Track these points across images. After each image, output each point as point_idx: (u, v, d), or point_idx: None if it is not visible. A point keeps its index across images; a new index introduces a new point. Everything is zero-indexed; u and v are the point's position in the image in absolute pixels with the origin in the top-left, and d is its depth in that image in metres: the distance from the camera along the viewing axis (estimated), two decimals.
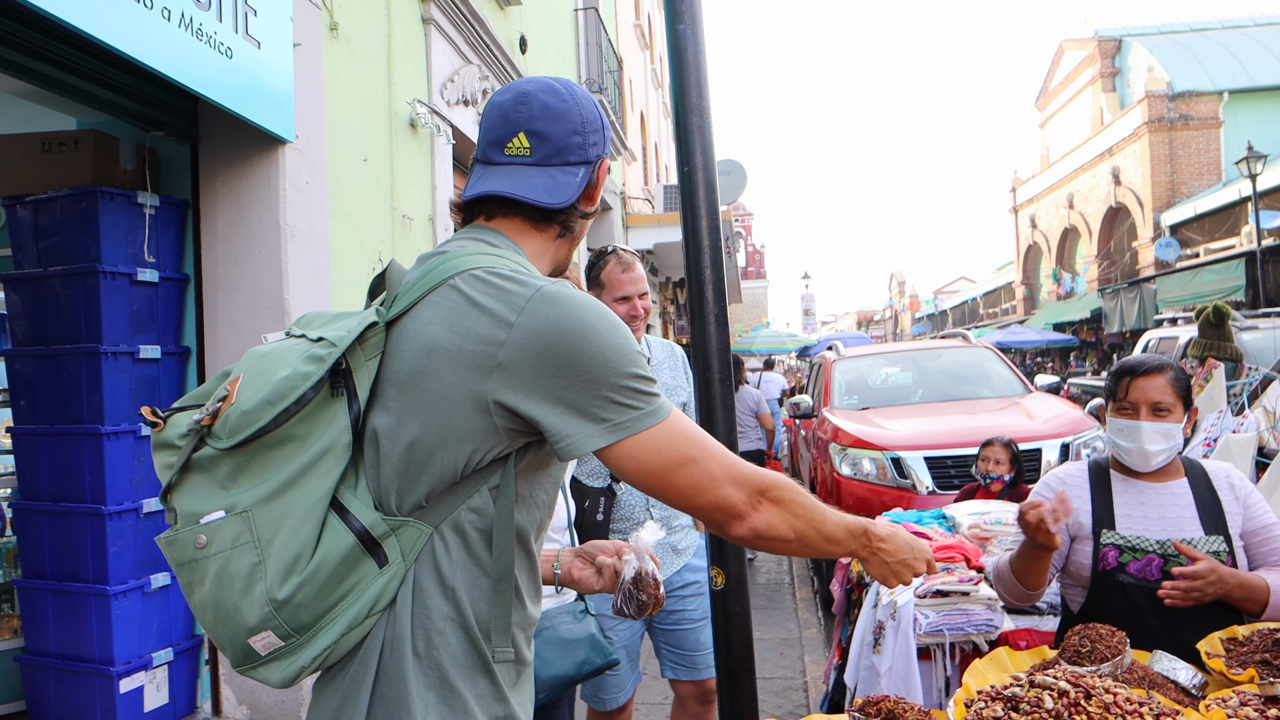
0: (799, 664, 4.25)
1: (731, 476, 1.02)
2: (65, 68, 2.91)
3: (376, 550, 0.95)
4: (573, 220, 1.15)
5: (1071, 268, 26.04)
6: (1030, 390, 6.05)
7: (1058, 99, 27.83)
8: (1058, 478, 2.02)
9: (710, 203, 1.66)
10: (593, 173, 1.15)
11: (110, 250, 3.35)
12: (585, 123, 1.14)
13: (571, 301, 0.99)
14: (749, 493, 1.02)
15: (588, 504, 2.45)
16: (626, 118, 13.57)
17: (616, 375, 0.97)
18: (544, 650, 1.71)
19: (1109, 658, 1.34)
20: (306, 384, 0.95)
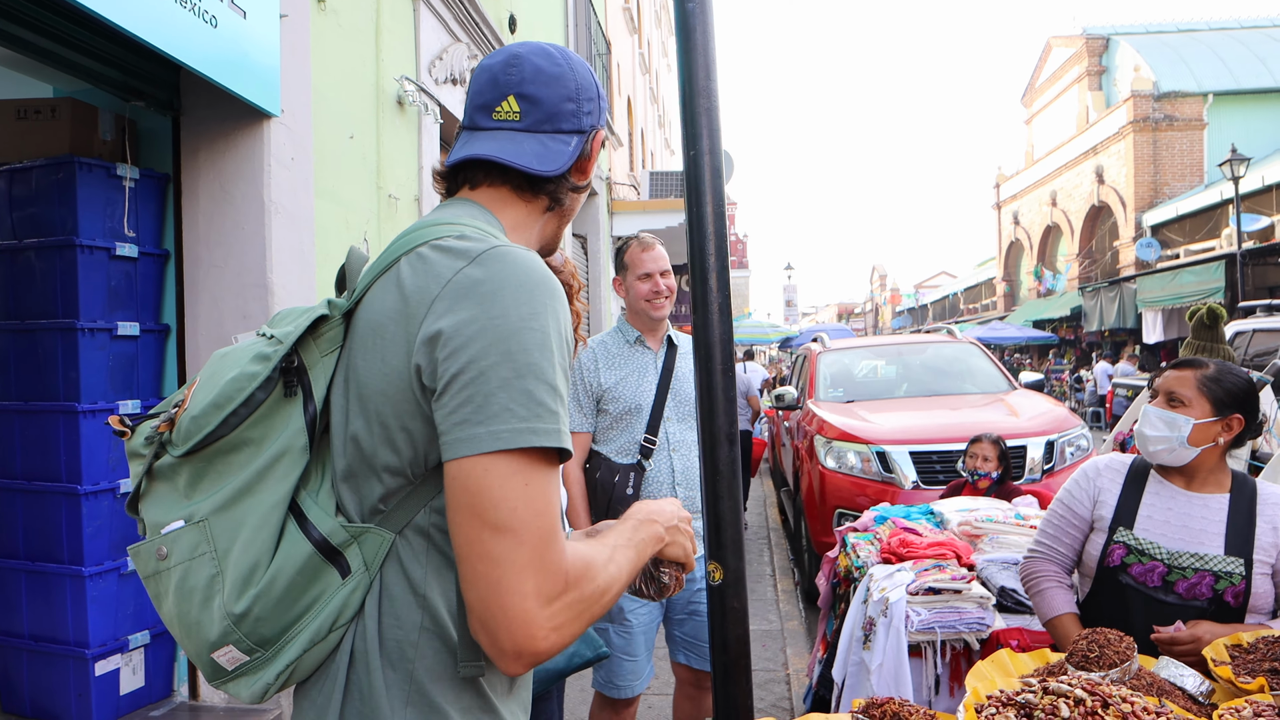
0: (781, 656, 4.25)
1: (542, 571, 0.82)
2: (42, 32, 2.81)
3: (338, 559, 0.88)
4: (563, 193, 1.07)
5: (1053, 265, 26.26)
6: (1015, 387, 6.08)
7: (1044, 96, 27.97)
8: (1095, 465, 2.00)
9: (716, 188, 1.62)
10: (586, 143, 1.08)
11: (88, 223, 3.25)
12: (580, 89, 1.07)
13: (519, 262, 0.88)
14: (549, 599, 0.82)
15: (617, 479, 2.51)
16: (614, 102, 13.47)
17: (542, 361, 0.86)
18: None
19: (1117, 663, 1.33)
20: (252, 385, 0.90)
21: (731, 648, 1.56)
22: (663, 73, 26.19)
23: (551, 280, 0.89)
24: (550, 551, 0.82)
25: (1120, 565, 1.82)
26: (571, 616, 0.84)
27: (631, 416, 2.57)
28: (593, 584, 0.87)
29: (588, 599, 0.86)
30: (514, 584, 0.80)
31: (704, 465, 1.58)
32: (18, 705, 3.53)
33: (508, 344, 0.83)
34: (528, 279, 0.86)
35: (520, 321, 0.84)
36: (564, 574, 0.83)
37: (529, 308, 0.85)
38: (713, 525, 1.57)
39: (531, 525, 0.81)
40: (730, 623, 1.56)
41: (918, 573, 2.33)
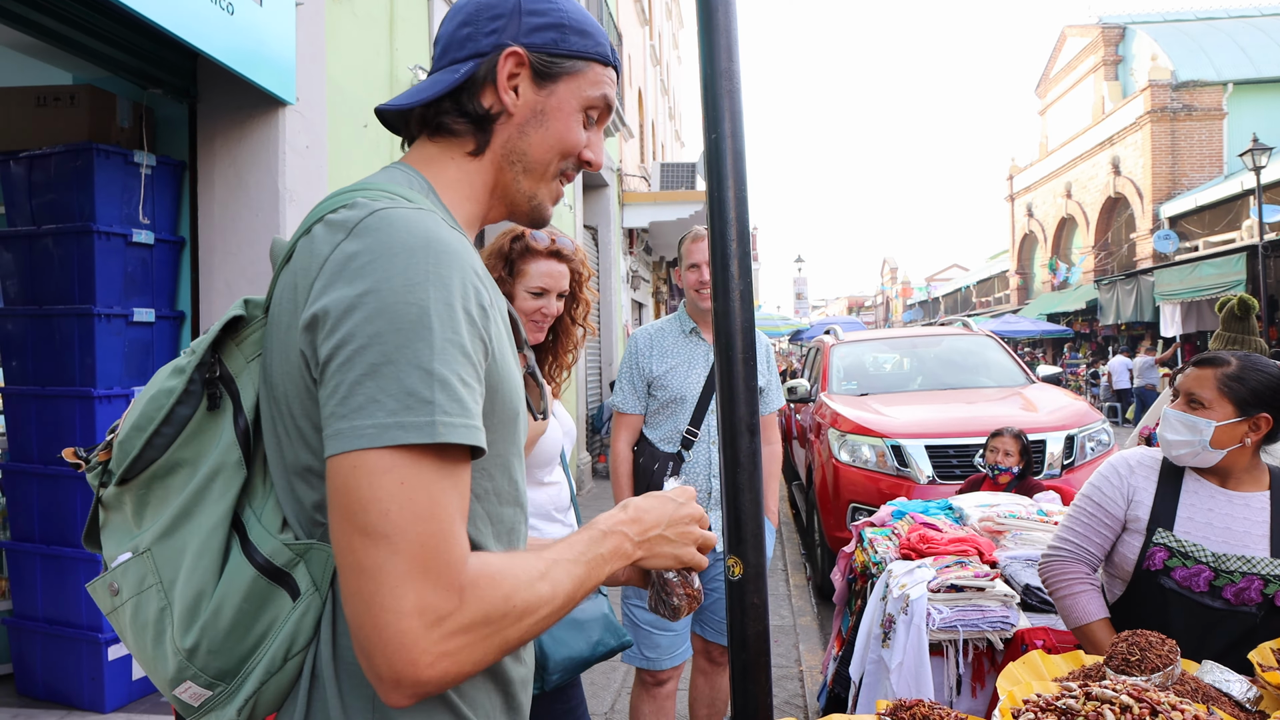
0: (794, 652, 4.24)
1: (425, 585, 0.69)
2: (62, 19, 2.80)
3: (285, 580, 0.79)
4: (487, 131, 0.92)
5: (1067, 258, 26.04)
6: (1032, 380, 6.02)
7: (1058, 86, 27.68)
8: (1126, 461, 1.92)
9: (738, 172, 1.58)
10: (482, 65, 0.91)
11: (105, 210, 3.25)
12: (483, 9, 0.93)
13: (397, 225, 0.75)
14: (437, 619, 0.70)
15: (657, 466, 2.61)
16: (625, 94, 13.40)
17: (418, 343, 0.73)
18: (557, 630, 1.66)
19: (1160, 667, 1.29)
20: (169, 401, 0.82)
21: (751, 645, 1.54)
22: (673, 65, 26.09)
23: (441, 242, 0.75)
24: (436, 563, 0.70)
25: (1163, 569, 1.76)
26: (471, 642, 0.71)
27: (676, 405, 2.64)
28: (506, 604, 0.74)
29: (497, 621, 0.73)
30: (388, 600, 0.68)
31: (724, 457, 1.55)
32: (32, 688, 3.55)
33: (377, 324, 0.71)
34: (405, 244, 0.74)
35: (394, 296, 0.72)
36: (458, 590, 0.71)
37: (404, 279, 0.72)
38: (733, 519, 1.54)
39: (409, 531, 0.69)
40: (750, 619, 1.54)
41: (939, 569, 2.30)
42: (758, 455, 1.61)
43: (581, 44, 0.94)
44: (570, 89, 0.94)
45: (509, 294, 1.98)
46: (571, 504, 2.13)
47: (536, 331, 2.01)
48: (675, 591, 1.08)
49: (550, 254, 1.99)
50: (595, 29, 0.97)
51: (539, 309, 1.98)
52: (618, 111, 11.77)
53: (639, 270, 15.18)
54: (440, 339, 0.72)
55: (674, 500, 1.00)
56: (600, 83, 0.97)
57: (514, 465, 0.89)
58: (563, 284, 2.01)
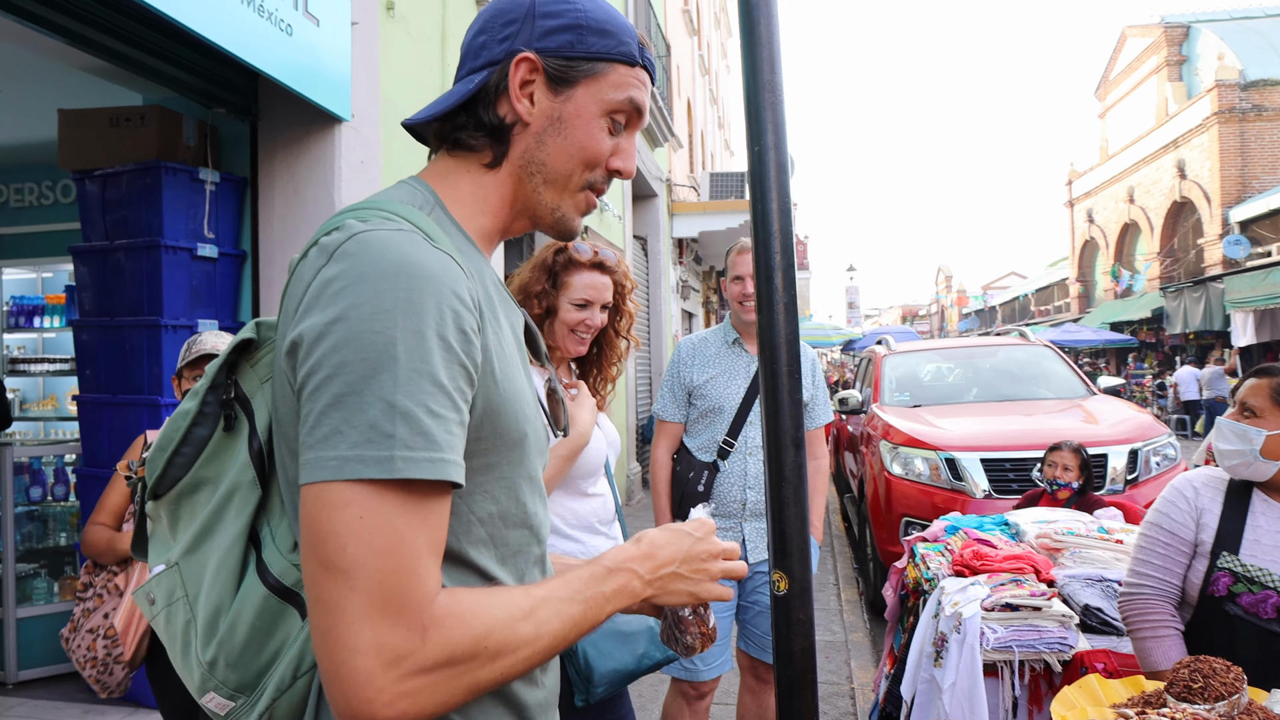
0: (845, 669, 4.16)
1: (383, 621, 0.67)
2: (134, 43, 2.92)
3: (295, 600, 0.79)
4: (504, 141, 0.89)
5: (1130, 264, 25.23)
6: (1093, 392, 5.84)
7: (1119, 88, 26.89)
8: (1190, 484, 1.86)
9: (782, 184, 1.57)
10: (494, 74, 0.88)
11: (172, 225, 3.38)
12: (497, 15, 0.90)
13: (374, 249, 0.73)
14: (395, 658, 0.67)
15: (692, 475, 2.63)
16: (673, 104, 13.43)
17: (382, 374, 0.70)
18: (602, 642, 1.66)
19: (1224, 696, 1.24)
20: (186, 423, 0.84)
21: (797, 661, 1.51)
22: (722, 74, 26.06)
23: (415, 265, 0.72)
24: (396, 600, 0.68)
25: (1228, 595, 1.69)
26: (435, 682, 0.69)
27: (714, 415, 2.65)
28: (477, 645, 0.71)
29: (465, 662, 0.70)
30: (344, 636, 0.67)
31: (769, 470, 1.54)
32: None
33: (343, 353, 0.69)
34: (377, 269, 0.71)
35: (362, 324, 0.70)
36: (420, 629, 0.68)
37: (374, 306, 0.70)
38: (778, 533, 1.52)
39: (366, 567, 0.67)
40: (796, 635, 1.51)
41: (993, 587, 2.24)
42: (803, 469, 1.59)
43: (602, 44, 0.89)
44: (590, 93, 0.89)
45: (552, 306, 1.98)
46: (616, 515, 2.12)
47: (579, 344, 2.00)
48: (689, 630, 1.04)
49: (593, 266, 1.99)
50: (619, 27, 0.91)
51: (582, 321, 1.97)
52: (666, 122, 11.79)
53: (688, 280, 15.16)
54: (406, 369, 0.69)
55: (690, 534, 0.95)
56: (625, 85, 0.91)
57: (521, 487, 0.86)
58: (606, 296, 2.01)
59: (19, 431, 5.93)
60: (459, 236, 0.87)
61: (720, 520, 2.59)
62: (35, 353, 6.39)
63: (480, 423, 0.79)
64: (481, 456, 0.80)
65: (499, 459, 0.82)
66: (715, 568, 0.95)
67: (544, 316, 1.97)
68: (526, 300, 1.96)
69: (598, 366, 2.12)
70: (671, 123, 12.57)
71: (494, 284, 0.88)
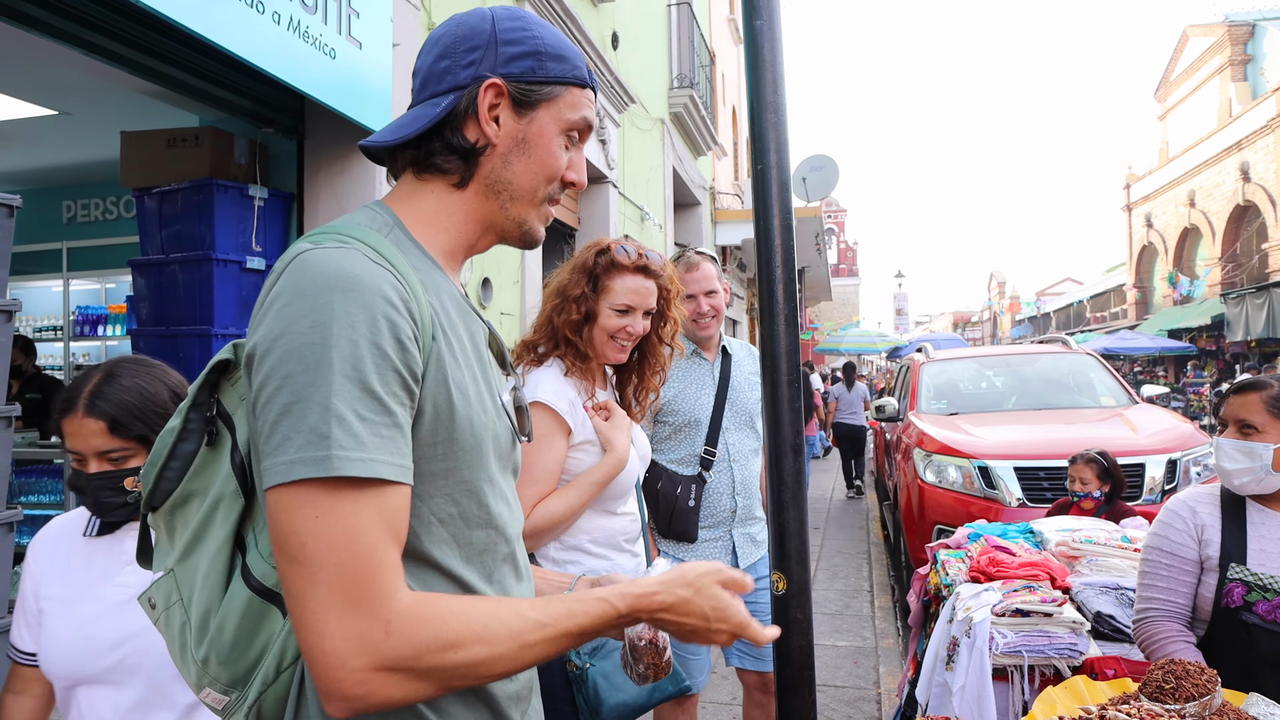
0: (873, 674, 4.17)
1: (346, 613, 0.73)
2: (189, 70, 3.11)
3: (277, 600, 0.85)
4: (472, 163, 0.94)
5: (1190, 270, 24.46)
6: (1136, 401, 5.73)
7: (1180, 89, 26.12)
8: (1186, 504, 1.89)
9: (783, 201, 1.64)
10: (463, 99, 0.92)
11: (223, 239, 3.56)
12: (459, 41, 0.94)
13: (312, 267, 0.78)
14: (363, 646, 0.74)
15: (679, 491, 2.46)
16: (718, 113, 13.49)
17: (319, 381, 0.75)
18: (614, 675, 1.60)
19: (1195, 696, 1.26)
20: (171, 439, 0.90)
21: (795, 658, 1.58)
22: None
23: (351, 279, 0.77)
24: (357, 592, 0.74)
25: (1243, 605, 1.71)
26: (399, 678, 0.75)
27: (691, 429, 2.53)
28: (442, 653, 0.76)
29: (428, 664, 0.76)
30: (312, 623, 0.74)
31: (770, 476, 1.61)
32: None
33: (288, 365, 0.75)
34: (314, 285, 0.77)
35: (302, 337, 0.75)
36: (383, 622, 0.74)
37: (312, 319, 0.76)
38: (777, 536, 1.59)
39: (325, 562, 0.73)
40: (794, 633, 1.58)
41: (1005, 593, 2.26)
42: (802, 473, 1.65)
43: (559, 69, 0.95)
44: (550, 114, 0.95)
45: (592, 311, 1.87)
46: (642, 534, 2.05)
47: (619, 352, 1.90)
48: (644, 659, 1.06)
49: (637, 269, 1.89)
50: (571, 53, 0.98)
51: (623, 328, 1.87)
52: (710, 130, 11.85)
53: (732, 287, 15.19)
54: (339, 376, 0.74)
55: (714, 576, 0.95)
56: (579, 105, 0.97)
57: (482, 489, 0.90)
58: (650, 301, 1.91)
59: None
60: (417, 254, 0.92)
61: (709, 530, 2.51)
62: (99, 360, 6.73)
63: (434, 428, 0.84)
64: (440, 461, 0.85)
65: (457, 464, 0.87)
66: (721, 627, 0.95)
67: (582, 322, 1.87)
68: (564, 304, 1.87)
69: (638, 374, 2.00)
70: (715, 131, 12.63)
71: (452, 299, 0.93)
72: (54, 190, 6.13)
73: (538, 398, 1.77)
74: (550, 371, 1.86)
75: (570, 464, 1.82)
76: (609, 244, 1.92)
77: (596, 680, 1.59)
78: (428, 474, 0.85)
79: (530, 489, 1.73)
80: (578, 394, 1.86)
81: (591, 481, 1.80)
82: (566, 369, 1.87)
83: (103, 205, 6.13)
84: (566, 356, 1.88)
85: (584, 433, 1.83)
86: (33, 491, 4.22)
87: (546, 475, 1.77)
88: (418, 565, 0.86)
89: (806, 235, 14.49)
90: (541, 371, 1.86)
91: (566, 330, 1.87)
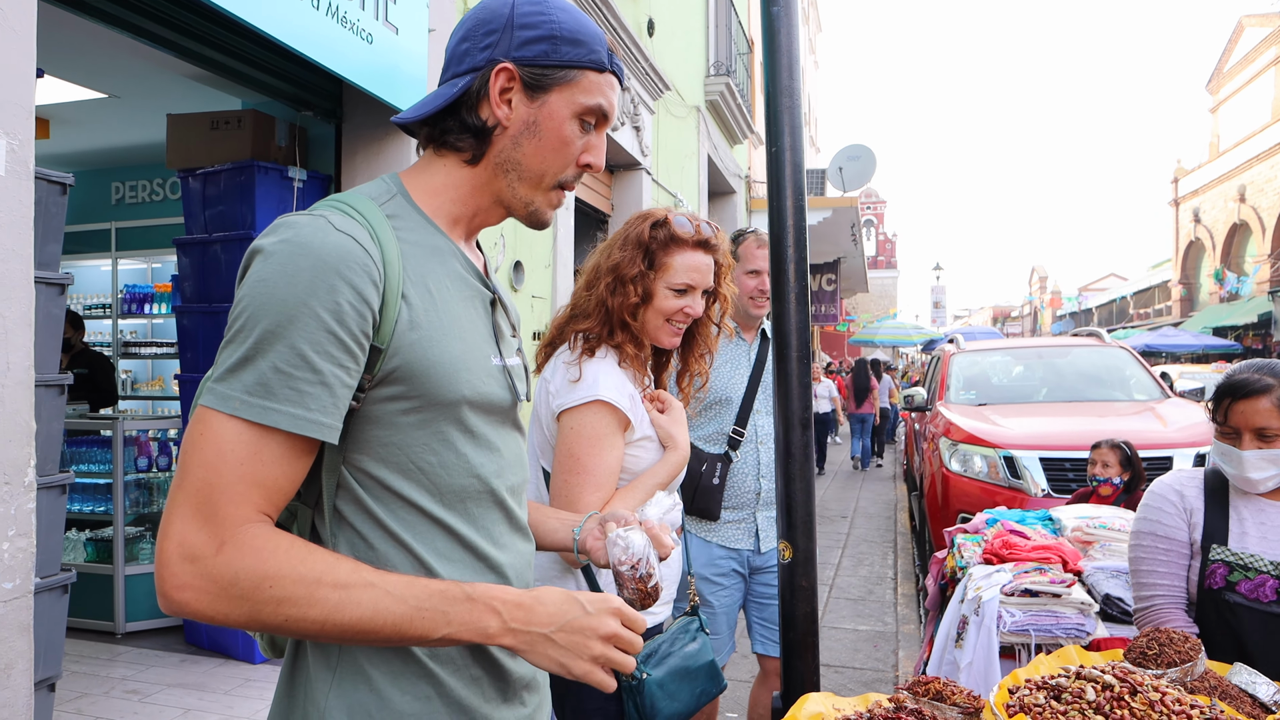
0: (892, 658, 4.21)
1: (191, 520, 0.80)
2: (232, 54, 3.22)
3: None
4: (484, 141, 0.98)
5: (1239, 267, 23.83)
6: (1168, 395, 5.66)
7: (1233, 81, 25.38)
8: (1172, 488, 1.90)
9: (796, 182, 1.69)
10: (476, 79, 0.96)
11: (264, 219, 3.69)
12: (479, 24, 0.98)
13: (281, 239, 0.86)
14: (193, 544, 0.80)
15: (704, 468, 2.46)
16: (755, 101, 13.43)
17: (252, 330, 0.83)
18: (670, 684, 1.57)
19: (1177, 663, 1.29)
20: None
21: (800, 624, 1.64)
22: (809, 70, 25.74)
23: (311, 252, 0.84)
24: (205, 508, 0.80)
25: (1226, 585, 1.73)
26: (216, 594, 0.80)
27: (721, 407, 2.51)
28: (261, 582, 0.80)
29: (247, 592, 0.80)
30: (168, 519, 0.81)
31: (778, 449, 1.66)
32: (197, 638, 4.05)
33: (239, 311, 0.85)
34: (279, 250, 0.85)
35: (252, 298, 0.84)
36: (217, 542, 0.80)
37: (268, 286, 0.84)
38: (785, 507, 1.65)
39: (192, 472, 0.81)
40: (799, 600, 1.64)
41: (1016, 574, 2.29)
42: (810, 447, 1.71)
43: (574, 53, 0.97)
44: (563, 98, 0.98)
45: (648, 291, 1.69)
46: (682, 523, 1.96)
47: (674, 335, 1.73)
48: (626, 586, 1.07)
49: (697, 244, 1.71)
50: (590, 37, 0.99)
51: (682, 309, 1.70)
52: (746, 119, 11.82)
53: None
54: (271, 331, 0.82)
55: (583, 605, 0.90)
56: (595, 90, 0.99)
57: (460, 441, 0.95)
58: (709, 279, 1.73)
59: (129, 409, 6.48)
60: (416, 219, 0.97)
61: (733, 512, 2.51)
62: (145, 337, 6.96)
63: (407, 382, 0.90)
64: (416, 413, 0.92)
65: (431, 416, 0.93)
66: (596, 649, 0.89)
67: (638, 304, 1.68)
68: (618, 284, 1.68)
69: (682, 359, 1.85)
70: (753, 120, 12.59)
71: (450, 263, 0.98)
72: (104, 172, 6.35)
73: (599, 395, 1.58)
74: (607, 364, 1.65)
75: (629, 461, 1.66)
76: (664, 215, 1.73)
77: (653, 690, 1.54)
78: (404, 424, 0.91)
79: (595, 494, 1.57)
80: (635, 386, 1.69)
81: (656, 482, 1.65)
82: (622, 357, 1.68)
83: (149, 186, 6.33)
84: (625, 344, 1.67)
85: (643, 428, 1.67)
86: (83, 461, 4.41)
87: (610, 477, 1.60)
88: (401, 506, 0.93)
89: (843, 226, 14.36)
90: (596, 364, 1.64)
91: (625, 314, 1.66)
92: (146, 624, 4.29)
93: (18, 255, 2.02)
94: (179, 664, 3.88)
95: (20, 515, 2.02)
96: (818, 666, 1.67)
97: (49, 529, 2.25)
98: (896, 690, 1.31)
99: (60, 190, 2.32)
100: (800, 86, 1.70)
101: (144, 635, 4.25)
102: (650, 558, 1.10)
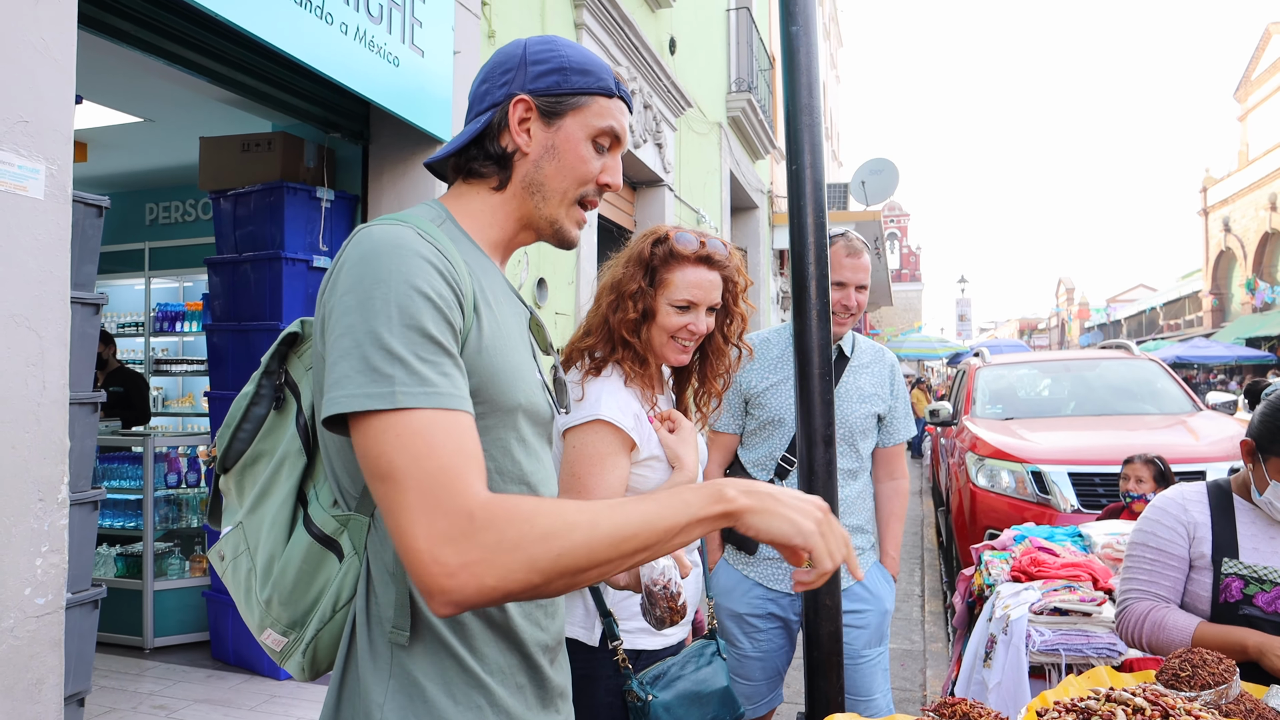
0: (920, 677, 4.15)
1: (434, 511, 0.80)
2: (263, 78, 3.30)
3: (334, 546, 0.96)
4: (508, 168, 1.06)
5: (1271, 276, 23.41)
6: (1200, 408, 5.57)
7: (1262, 88, 25.05)
8: (1176, 502, 1.86)
9: (817, 200, 1.70)
10: (497, 113, 1.05)
11: (292, 239, 3.75)
12: (496, 67, 1.07)
13: (372, 237, 0.90)
14: (451, 539, 0.79)
15: None
16: (777, 116, 13.45)
17: (380, 328, 0.84)
18: (677, 707, 1.56)
19: (1212, 685, 1.26)
20: (245, 403, 1.02)
21: (824, 643, 1.63)
22: (831, 85, 25.75)
23: (406, 246, 0.89)
24: (441, 494, 0.80)
25: (1242, 598, 1.70)
26: (488, 555, 0.79)
27: (774, 428, 2.33)
28: (526, 523, 0.81)
29: (518, 541, 0.80)
30: (406, 528, 0.80)
31: (800, 466, 1.66)
32: (223, 653, 4.09)
33: (351, 317, 0.85)
34: (375, 251, 0.88)
35: (364, 292, 0.86)
36: (467, 515, 0.80)
37: (372, 277, 0.86)
38: None
39: (411, 471, 0.81)
40: (823, 619, 1.63)
41: (1045, 593, 2.25)
42: (832, 465, 1.70)
43: (583, 81, 1.06)
44: (577, 122, 1.06)
45: (649, 308, 1.68)
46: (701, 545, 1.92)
47: (680, 353, 1.71)
48: (659, 604, 1.09)
49: (699, 260, 1.69)
50: (597, 67, 1.08)
51: (684, 326, 1.68)
52: (768, 134, 11.84)
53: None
54: (397, 321, 0.84)
55: (809, 499, 0.92)
56: (605, 114, 1.07)
57: (515, 447, 1.00)
58: (714, 296, 1.71)
59: (159, 425, 6.59)
60: (466, 243, 1.04)
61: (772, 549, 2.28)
62: (176, 355, 7.09)
63: (475, 391, 0.94)
64: (481, 419, 0.94)
65: (494, 423, 0.97)
66: (820, 514, 0.90)
67: (640, 320, 1.68)
68: (620, 300, 1.69)
69: (699, 378, 1.81)
70: (775, 135, 12.61)
71: (497, 282, 1.05)
72: (138, 193, 6.49)
73: (600, 415, 1.58)
74: (611, 383, 1.65)
75: (635, 481, 1.65)
76: (667, 231, 1.73)
77: (659, 713, 1.54)
78: None
79: None
80: (641, 405, 1.68)
81: None
82: (626, 376, 1.67)
83: (182, 208, 6.47)
84: (625, 361, 1.67)
85: (650, 448, 1.65)
86: (114, 477, 4.49)
87: (613, 496, 1.58)
88: None
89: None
90: (601, 383, 1.65)
91: (624, 330, 1.67)
92: (174, 639, 4.34)
93: (55, 277, 2.07)
94: (205, 679, 3.92)
95: (53, 531, 2.06)
96: (842, 685, 1.65)
97: (81, 545, 2.28)
98: (923, 711, 1.29)
99: (96, 212, 2.38)
100: (820, 105, 1.71)
101: (171, 650, 4.30)
102: (675, 576, 1.11)
